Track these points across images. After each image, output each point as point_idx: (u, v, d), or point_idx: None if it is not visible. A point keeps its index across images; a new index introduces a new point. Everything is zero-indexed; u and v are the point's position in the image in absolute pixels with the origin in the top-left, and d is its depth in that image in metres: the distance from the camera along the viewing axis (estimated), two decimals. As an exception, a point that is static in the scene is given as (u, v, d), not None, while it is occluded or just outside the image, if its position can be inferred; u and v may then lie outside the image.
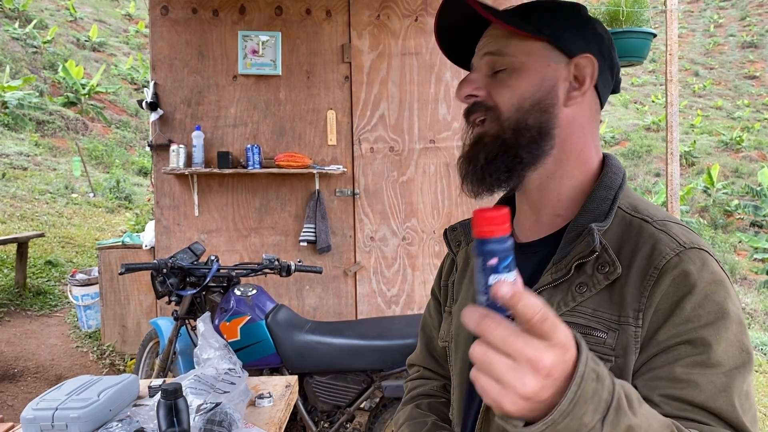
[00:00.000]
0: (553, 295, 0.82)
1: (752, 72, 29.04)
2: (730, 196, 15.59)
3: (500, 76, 0.87)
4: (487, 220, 0.54)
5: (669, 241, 0.78)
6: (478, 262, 0.55)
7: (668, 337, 0.74)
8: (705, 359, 0.71)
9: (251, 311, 2.64)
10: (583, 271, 0.80)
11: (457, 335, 0.98)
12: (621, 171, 0.91)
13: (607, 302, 0.78)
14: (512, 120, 0.85)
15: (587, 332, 0.77)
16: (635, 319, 0.75)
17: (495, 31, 0.89)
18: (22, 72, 12.58)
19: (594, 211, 0.85)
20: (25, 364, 4.37)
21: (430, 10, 3.86)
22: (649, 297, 0.75)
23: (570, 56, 0.86)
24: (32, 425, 1.50)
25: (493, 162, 0.86)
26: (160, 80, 3.79)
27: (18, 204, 8.17)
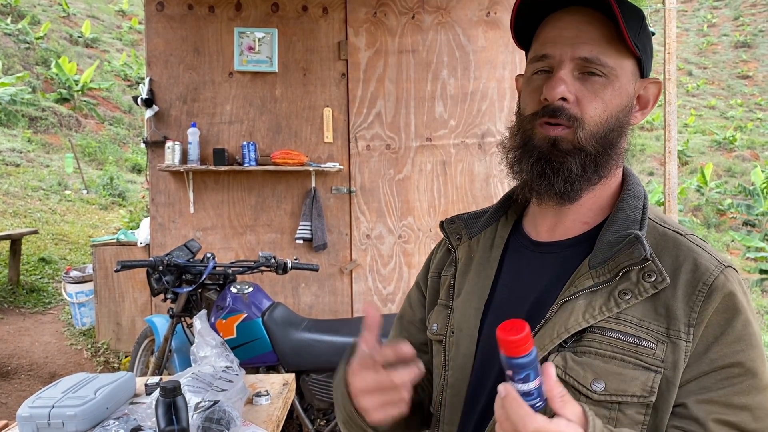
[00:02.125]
0: (593, 299, 0.80)
1: (745, 72, 29.19)
2: (723, 195, 15.67)
3: (593, 83, 0.82)
4: (514, 344, 0.62)
5: (710, 258, 0.80)
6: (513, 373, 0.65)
7: (721, 356, 0.75)
8: (756, 383, 0.74)
9: (247, 309, 2.63)
10: (627, 278, 0.79)
11: (459, 330, 0.94)
12: (639, 181, 0.92)
13: (652, 313, 0.78)
14: (597, 135, 0.83)
15: (635, 342, 0.77)
16: (686, 333, 0.75)
17: (589, 27, 0.82)
18: (14, 68, 12.49)
19: (628, 218, 0.85)
20: (19, 362, 4.35)
21: (427, 8, 3.85)
22: (700, 313, 0.76)
23: (642, 76, 0.87)
24: (28, 423, 1.49)
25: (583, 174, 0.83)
26: (155, 77, 3.76)
27: (11, 201, 8.12)
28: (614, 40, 0.81)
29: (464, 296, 0.96)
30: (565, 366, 0.78)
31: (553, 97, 0.81)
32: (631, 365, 0.76)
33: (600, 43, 0.81)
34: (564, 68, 0.82)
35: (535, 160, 0.84)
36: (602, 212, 0.89)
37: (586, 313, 0.79)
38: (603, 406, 0.76)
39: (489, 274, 0.94)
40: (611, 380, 0.76)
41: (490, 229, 0.99)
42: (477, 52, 3.86)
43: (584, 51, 0.81)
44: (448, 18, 3.86)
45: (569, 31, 0.82)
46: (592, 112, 0.82)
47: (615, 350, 0.77)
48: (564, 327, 0.79)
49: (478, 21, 3.86)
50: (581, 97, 0.82)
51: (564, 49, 0.82)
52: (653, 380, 0.75)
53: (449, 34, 3.86)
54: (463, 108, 3.89)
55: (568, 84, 0.81)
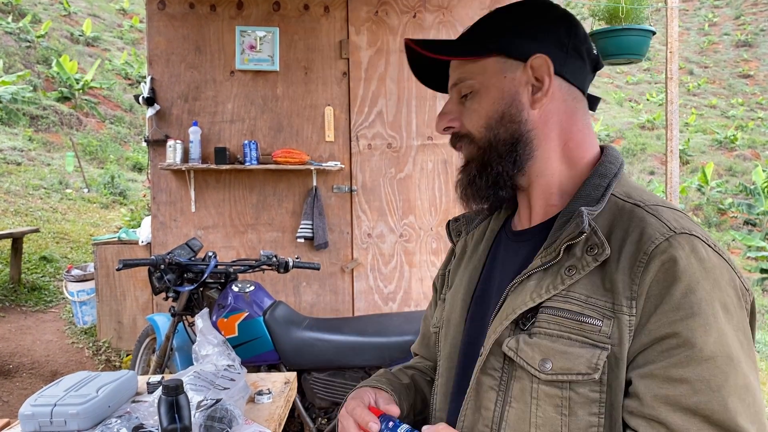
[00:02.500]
0: (543, 278, 0.81)
1: (746, 71, 29.16)
2: (724, 195, 15.67)
3: (466, 101, 0.92)
4: None
5: (659, 226, 0.77)
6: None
7: (659, 327, 0.72)
8: (695, 354, 0.70)
9: (249, 307, 2.63)
10: (573, 253, 0.79)
11: (448, 321, 0.99)
12: (618, 161, 0.90)
13: (600, 288, 0.77)
14: (485, 139, 0.89)
15: (581, 320, 0.76)
16: (629, 307, 0.74)
17: (456, 60, 0.94)
18: (15, 66, 12.49)
19: (586, 197, 0.85)
20: (21, 360, 4.35)
21: (429, 7, 3.85)
22: (640, 284, 0.74)
23: (524, 60, 0.88)
24: (31, 421, 1.49)
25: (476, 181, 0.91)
26: (156, 75, 3.77)
27: (12, 199, 8.12)
28: (468, 58, 0.91)
29: (453, 289, 1.02)
30: (517, 348, 0.80)
31: (439, 129, 0.96)
32: (578, 343, 0.76)
33: (459, 66, 0.93)
34: (449, 102, 0.95)
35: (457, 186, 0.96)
36: (567, 194, 0.90)
37: (534, 293, 0.80)
38: (553, 386, 0.76)
39: (477, 266, 0.99)
40: (557, 359, 0.76)
41: (484, 224, 1.05)
42: (478, 50, 3.86)
43: (452, 78, 0.94)
44: (450, 17, 3.86)
45: (450, 72, 0.96)
46: (471, 124, 0.91)
47: (562, 329, 0.77)
48: (512, 308, 0.81)
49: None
50: (462, 118, 0.93)
51: (449, 86, 0.96)
52: (598, 357, 0.74)
53: (451, 33, 3.86)
54: (465, 107, 3.89)
55: (450, 113, 0.94)
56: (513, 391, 0.80)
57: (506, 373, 0.82)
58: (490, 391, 0.83)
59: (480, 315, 0.93)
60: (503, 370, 0.82)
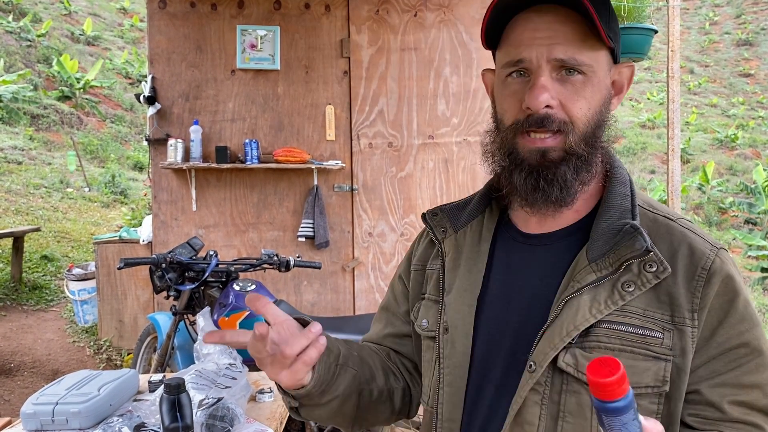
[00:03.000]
0: (597, 293, 0.79)
1: (747, 70, 29.11)
2: (725, 194, 15.66)
3: (573, 83, 0.81)
4: (609, 386, 0.56)
5: (703, 242, 0.81)
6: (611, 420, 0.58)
7: (727, 339, 0.77)
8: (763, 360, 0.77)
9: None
10: (629, 269, 0.78)
11: (454, 328, 0.91)
12: (623, 165, 0.91)
13: (656, 302, 0.78)
14: (587, 135, 0.82)
15: (643, 333, 0.77)
16: (691, 319, 0.76)
17: (562, 26, 0.79)
18: (16, 66, 12.48)
19: (619, 207, 0.83)
20: (22, 359, 4.35)
21: (430, 5, 3.84)
22: (702, 298, 0.77)
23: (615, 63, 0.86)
24: (33, 420, 1.49)
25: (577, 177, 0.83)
26: (157, 74, 3.77)
27: (13, 198, 8.12)
28: (588, 36, 0.79)
29: (456, 292, 0.93)
30: (576, 363, 0.78)
31: (537, 106, 0.79)
32: (641, 356, 0.76)
33: (575, 42, 0.79)
34: (543, 73, 0.79)
35: (527, 174, 0.83)
36: (591, 199, 0.88)
37: (593, 308, 0.78)
38: None
39: (480, 268, 0.92)
40: None
41: (477, 222, 0.97)
42: (479, 49, 3.85)
43: (560, 52, 0.79)
44: (451, 15, 3.85)
45: (542, 32, 0.80)
46: (578, 113, 0.80)
47: (624, 343, 0.77)
48: (573, 324, 0.78)
49: (480, 18, 3.83)
50: (565, 100, 0.80)
51: (540, 50, 0.79)
52: (665, 369, 0.76)
53: (451, 32, 3.85)
54: (466, 106, 3.89)
55: (550, 90, 0.79)
56: (567, 405, 0.79)
57: (550, 386, 0.80)
58: (534, 405, 0.80)
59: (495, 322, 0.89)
60: (546, 384, 0.80)
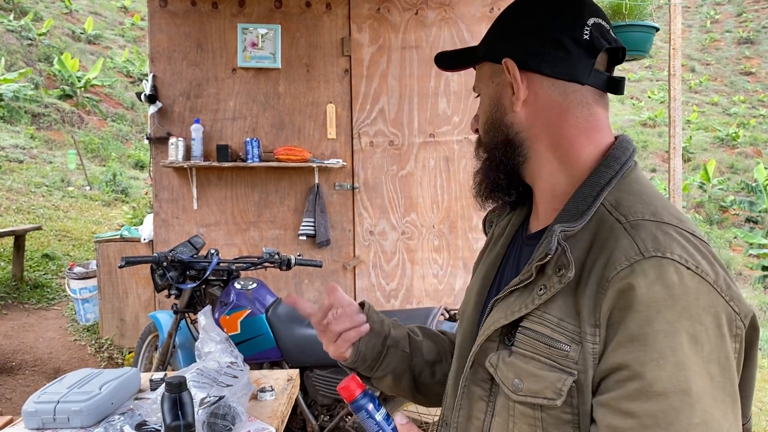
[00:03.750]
0: (520, 296, 0.80)
1: (748, 68, 29.10)
2: (726, 192, 15.65)
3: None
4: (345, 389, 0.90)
5: (628, 249, 0.71)
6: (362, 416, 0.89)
7: (614, 357, 0.69)
8: (645, 388, 0.66)
9: (251, 305, 2.64)
10: (545, 273, 0.77)
11: (463, 312, 0.98)
12: (618, 163, 0.82)
13: (572, 311, 0.74)
14: (486, 143, 0.93)
15: (551, 344, 0.74)
16: (592, 335, 0.71)
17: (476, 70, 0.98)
18: (17, 64, 12.49)
19: (572, 210, 0.80)
20: (23, 358, 4.36)
21: (431, 4, 3.84)
22: (601, 311, 0.71)
23: (497, 61, 0.89)
24: (34, 418, 1.49)
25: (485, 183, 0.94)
26: (158, 73, 3.76)
27: (14, 197, 8.13)
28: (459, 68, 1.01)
29: (472, 281, 1.01)
30: (496, 365, 0.80)
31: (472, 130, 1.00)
32: (547, 366, 0.74)
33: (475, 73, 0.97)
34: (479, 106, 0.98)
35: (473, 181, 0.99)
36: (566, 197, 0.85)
37: (508, 311, 0.79)
38: (526, 406, 0.76)
39: (493, 261, 0.97)
40: (528, 380, 0.75)
41: (507, 218, 1.02)
42: (480, 48, 3.85)
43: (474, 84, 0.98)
44: (452, 14, 3.85)
45: None
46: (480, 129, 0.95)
47: (535, 351, 0.75)
48: (492, 322, 0.82)
49: (481, 17, 3.85)
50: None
51: None
52: (563, 382, 0.72)
53: (452, 30, 3.85)
54: (467, 104, 3.89)
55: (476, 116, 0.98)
56: (497, 404, 0.81)
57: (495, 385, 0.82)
58: (480, 401, 0.84)
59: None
60: (492, 382, 0.82)
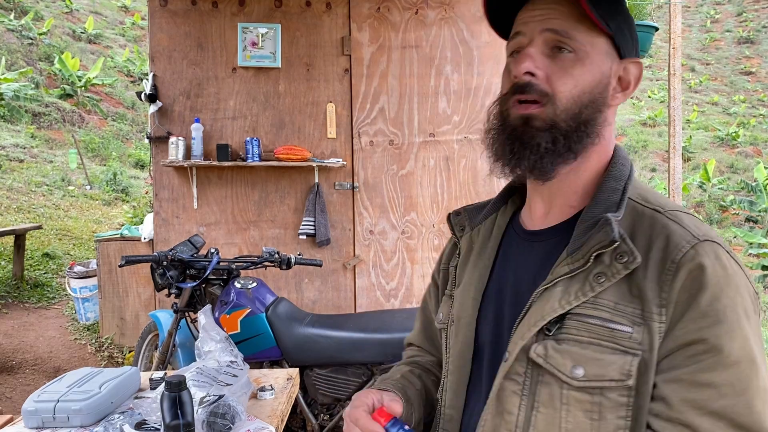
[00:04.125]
0: (570, 285, 0.80)
1: (748, 68, 29.08)
2: (726, 192, 15.63)
3: (563, 59, 0.83)
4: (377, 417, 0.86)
5: (683, 233, 0.77)
6: None
7: (685, 333, 0.74)
8: (722, 360, 0.72)
9: (251, 304, 2.64)
10: (601, 261, 0.79)
11: (459, 318, 0.97)
12: (628, 162, 0.91)
13: (627, 295, 0.77)
14: (570, 111, 0.83)
15: (612, 327, 0.76)
16: (659, 314, 0.75)
17: (560, 6, 0.84)
18: (17, 64, 12.50)
19: (606, 201, 0.84)
20: (23, 357, 4.36)
21: (431, 3, 3.84)
22: (670, 292, 0.75)
23: (620, 57, 0.87)
24: (34, 417, 1.49)
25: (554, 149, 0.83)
26: (159, 72, 3.76)
27: (14, 196, 8.13)
28: (584, 19, 0.83)
29: (463, 286, 0.99)
30: (546, 354, 0.79)
31: (519, 72, 0.84)
32: (609, 349, 0.76)
33: (569, 20, 0.83)
34: (532, 45, 0.84)
35: (506, 136, 0.87)
36: (587, 195, 0.89)
37: (562, 300, 0.80)
38: (585, 392, 0.77)
39: (486, 263, 0.97)
40: (590, 366, 0.76)
41: (490, 219, 1.02)
42: (481, 47, 3.85)
43: (553, 24, 0.83)
44: (452, 13, 3.85)
45: (538, 11, 0.85)
46: (562, 87, 0.83)
47: (592, 336, 0.77)
48: (540, 315, 0.81)
49: (481, 16, 3.85)
50: (551, 74, 0.83)
51: (533, 26, 0.85)
52: (630, 363, 0.75)
53: (453, 30, 3.85)
54: (467, 103, 3.89)
55: (534, 59, 0.83)
56: (540, 396, 0.80)
57: (530, 378, 0.81)
58: (513, 395, 0.82)
59: (494, 315, 0.92)
60: (527, 375, 0.82)
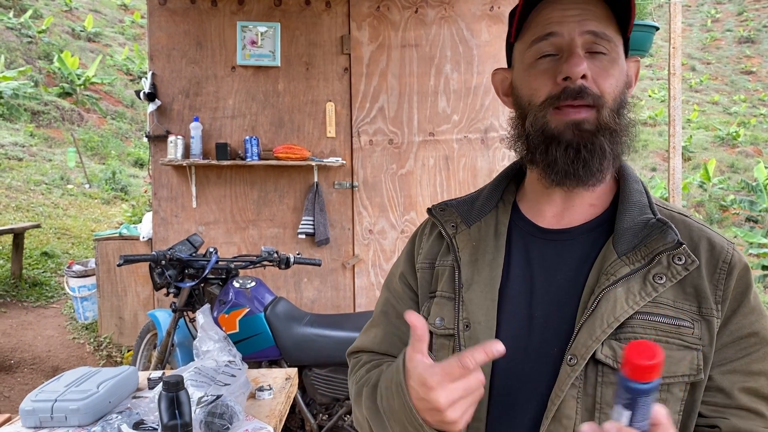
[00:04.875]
0: (630, 286, 0.81)
1: (749, 67, 29.07)
2: (726, 191, 15.62)
3: (601, 60, 0.82)
4: (650, 369, 0.59)
5: (720, 238, 0.85)
6: (652, 399, 0.61)
7: (739, 328, 0.80)
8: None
9: (250, 303, 2.63)
10: (659, 262, 0.82)
11: (477, 323, 0.88)
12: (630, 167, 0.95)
13: (682, 294, 0.81)
14: (615, 112, 0.83)
15: (677, 323, 0.79)
16: (717, 310, 0.80)
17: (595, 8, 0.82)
18: (17, 62, 12.48)
19: (638, 204, 0.87)
20: (22, 356, 4.36)
21: (431, 2, 3.83)
22: (725, 290, 0.80)
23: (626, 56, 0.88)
24: (31, 417, 1.49)
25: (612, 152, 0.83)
26: (158, 71, 3.76)
27: (13, 195, 8.13)
28: (612, 20, 0.82)
29: (477, 287, 0.91)
30: (615, 355, 0.79)
31: (577, 74, 0.79)
32: (676, 346, 0.79)
33: (603, 20, 0.82)
34: (578, 46, 0.81)
35: (566, 146, 0.82)
36: (605, 195, 0.91)
37: (629, 300, 0.80)
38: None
39: (499, 263, 0.91)
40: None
41: (490, 216, 0.96)
42: (480, 46, 3.85)
43: (592, 25, 0.81)
44: (452, 12, 3.84)
45: (572, 11, 0.82)
46: (609, 88, 0.82)
47: (659, 333, 0.79)
48: (613, 316, 0.79)
49: (481, 15, 3.84)
50: (595, 76, 0.81)
51: (571, 26, 0.81)
52: (697, 358, 0.78)
53: (452, 29, 3.84)
54: (466, 103, 3.88)
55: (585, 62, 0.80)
56: (604, 397, 0.79)
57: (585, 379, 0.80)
58: (572, 399, 0.80)
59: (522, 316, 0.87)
60: (581, 377, 0.80)
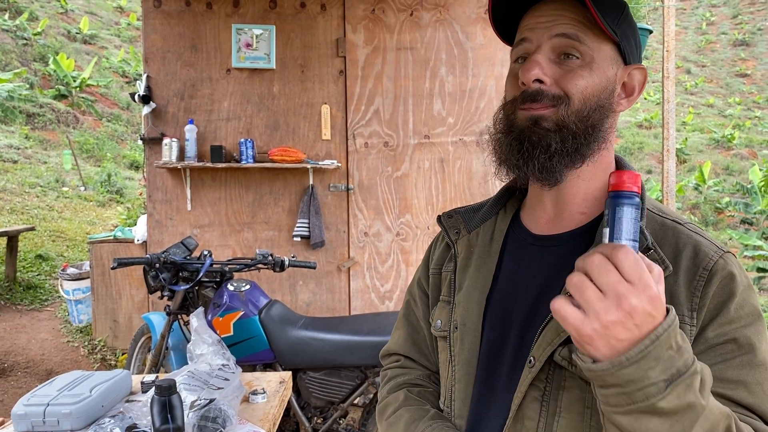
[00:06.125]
0: None
1: (744, 70, 29.17)
2: (721, 194, 15.67)
3: (570, 64, 0.83)
4: (633, 178, 0.68)
5: (709, 245, 0.82)
6: (628, 211, 0.68)
7: (715, 336, 0.77)
8: (751, 359, 0.76)
9: (244, 306, 2.63)
10: None
11: (463, 325, 0.94)
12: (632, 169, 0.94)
13: None
14: (580, 113, 0.83)
15: None
16: (690, 317, 0.78)
17: (568, 13, 0.83)
18: (12, 64, 12.45)
19: None
20: (16, 359, 4.33)
21: (426, 5, 3.84)
22: (702, 297, 0.78)
23: (625, 63, 0.87)
24: (23, 421, 1.48)
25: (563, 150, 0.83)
26: (152, 73, 3.75)
27: (8, 197, 8.10)
28: (591, 24, 0.83)
29: (466, 291, 0.96)
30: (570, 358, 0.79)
31: (528, 79, 0.82)
32: None
33: (577, 24, 0.83)
34: (540, 51, 0.83)
35: (514, 137, 0.85)
36: (598, 203, 0.90)
37: None
38: None
39: (490, 267, 0.95)
40: None
41: (489, 223, 1.00)
42: (475, 49, 3.85)
43: (564, 28, 0.82)
44: (447, 15, 3.85)
45: (546, 17, 0.84)
46: (574, 89, 0.82)
47: None
48: None
49: (476, 18, 3.85)
50: (560, 78, 0.83)
51: (541, 32, 0.84)
52: None
53: (447, 32, 3.85)
54: (462, 105, 3.89)
55: (542, 66, 0.82)
56: (562, 401, 0.80)
57: (551, 383, 0.81)
58: (535, 402, 0.82)
59: (501, 320, 0.91)
60: (548, 381, 0.81)
